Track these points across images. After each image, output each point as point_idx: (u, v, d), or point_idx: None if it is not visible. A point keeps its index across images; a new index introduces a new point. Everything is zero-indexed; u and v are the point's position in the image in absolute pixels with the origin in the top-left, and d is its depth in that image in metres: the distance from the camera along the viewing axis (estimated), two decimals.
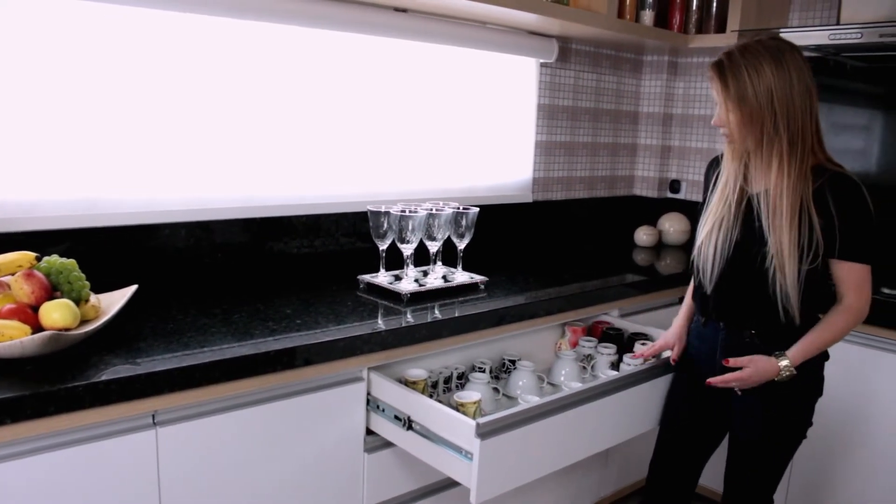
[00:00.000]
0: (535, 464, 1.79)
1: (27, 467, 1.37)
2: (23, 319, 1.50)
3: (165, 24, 2.01)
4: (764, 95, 1.70)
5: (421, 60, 2.61)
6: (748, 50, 1.73)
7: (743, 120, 1.74)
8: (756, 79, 1.70)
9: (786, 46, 1.74)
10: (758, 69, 1.71)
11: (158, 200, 2.07)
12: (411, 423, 1.78)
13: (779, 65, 1.71)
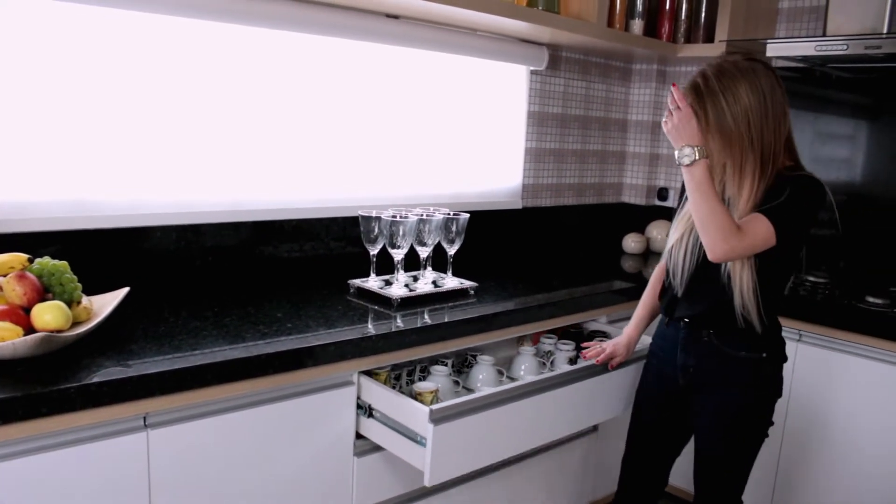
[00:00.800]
0: (487, 450, 1.88)
1: (18, 469, 1.37)
2: (15, 321, 1.50)
3: (158, 27, 2.02)
4: (742, 119, 1.75)
5: (412, 67, 2.63)
6: (724, 73, 1.77)
7: (721, 144, 1.79)
8: (734, 105, 1.75)
9: (759, 66, 1.78)
10: (735, 94, 1.75)
11: (150, 203, 2.08)
12: (372, 412, 1.86)
13: (754, 87, 1.75)
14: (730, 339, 1.90)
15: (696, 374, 1.96)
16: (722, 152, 1.80)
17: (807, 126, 3.07)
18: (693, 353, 1.95)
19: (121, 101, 1.98)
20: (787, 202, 1.76)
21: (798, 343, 2.51)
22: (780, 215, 1.76)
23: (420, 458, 1.75)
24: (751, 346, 1.89)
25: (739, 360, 1.90)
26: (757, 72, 1.77)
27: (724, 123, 1.76)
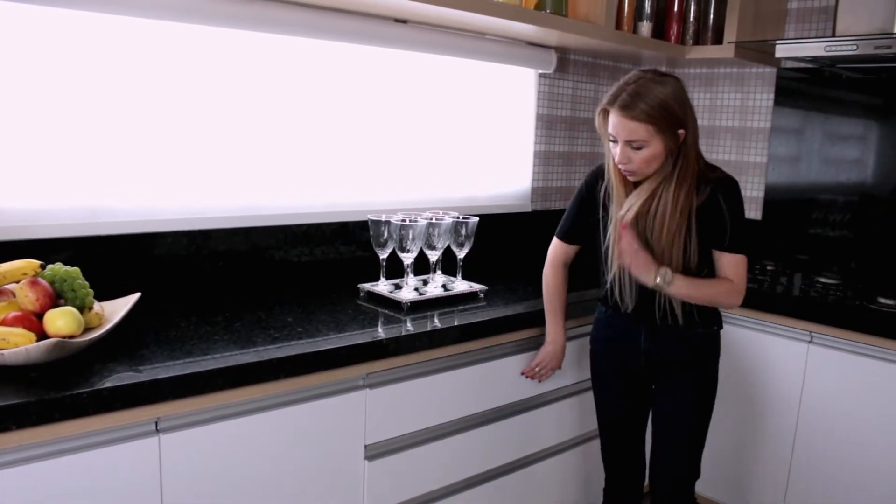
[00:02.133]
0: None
1: (32, 473, 1.38)
2: (27, 327, 1.51)
3: (167, 34, 2.03)
4: (666, 124, 1.78)
5: (421, 71, 2.63)
6: (642, 86, 1.79)
7: (651, 154, 1.81)
8: (662, 109, 1.77)
9: (670, 78, 1.82)
10: (660, 102, 1.77)
11: (160, 209, 2.09)
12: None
13: (672, 91, 1.79)
14: (689, 319, 1.98)
15: (661, 359, 2.04)
16: (650, 162, 1.83)
17: (817, 127, 3.06)
18: (657, 340, 2.02)
19: (131, 108, 2.00)
20: (733, 226, 1.87)
21: (809, 344, 2.50)
22: (739, 242, 1.89)
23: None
24: (704, 322, 2.00)
25: (699, 338, 2.01)
26: (668, 82, 1.81)
27: (652, 130, 1.78)
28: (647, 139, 1.78)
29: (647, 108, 1.75)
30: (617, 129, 1.81)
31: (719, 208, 1.87)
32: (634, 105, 1.76)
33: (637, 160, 1.81)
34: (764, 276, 2.88)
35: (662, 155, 1.81)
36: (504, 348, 2.17)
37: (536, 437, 2.34)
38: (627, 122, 1.78)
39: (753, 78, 3.23)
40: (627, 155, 1.81)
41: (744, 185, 3.28)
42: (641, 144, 1.79)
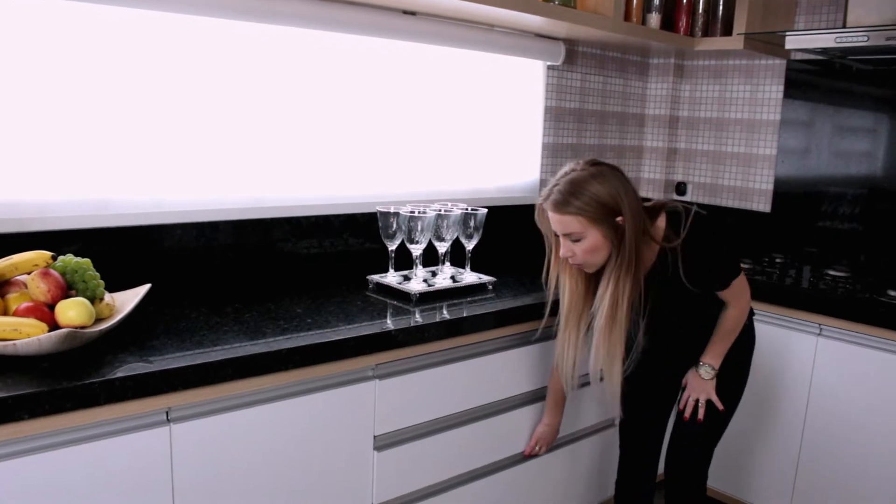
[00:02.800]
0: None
1: (44, 462, 1.39)
2: (39, 317, 1.52)
3: (177, 27, 2.03)
4: (599, 215, 1.76)
5: (429, 63, 2.63)
6: (571, 180, 1.78)
7: (591, 245, 1.80)
8: (593, 201, 1.75)
9: (602, 167, 1.81)
10: (589, 194, 1.75)
11: (170, 201, 2.10)
12: None
13: (603, 181, 1.76)
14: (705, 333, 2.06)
15: (681, 360, 2.10)
16: (594, 253, 1.82)
17: (827, 120, 3.04)
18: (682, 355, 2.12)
19: (141, 102, 2.00)
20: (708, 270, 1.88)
21: (818, 337, 2.50)
22: (724, 277, 1.92)
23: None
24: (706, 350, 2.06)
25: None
26: (602, 172, 1.79)
27: (591, 219, 1.77)
28: (581, 231, 1.78)
29: (576, 201, 1.75)
30: (554, 224, 1.83)
31: (688, 261, 1.84)
32: (565, 200, 1.77)
33: (580, 252, 1.82)
34: (773, 268, 2.88)
35: (604, 244, 1.80)
36: (513, 339, 2.17)
37: None
38: (561, 217, 1.79)
39: (763, 70, 3.22)
40: (570, 248, 1.83)
41: (753, 176, 3.28)
42: (579, 237, 1.80)
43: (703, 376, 2.03)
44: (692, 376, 2.06)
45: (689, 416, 2.06)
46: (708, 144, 3.44)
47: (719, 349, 2.02)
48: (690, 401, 2.05)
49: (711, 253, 1.88)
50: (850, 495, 2.49)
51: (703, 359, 2.03)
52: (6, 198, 1.83)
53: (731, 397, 2.10)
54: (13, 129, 1.82)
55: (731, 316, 1.99)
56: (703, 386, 2.03)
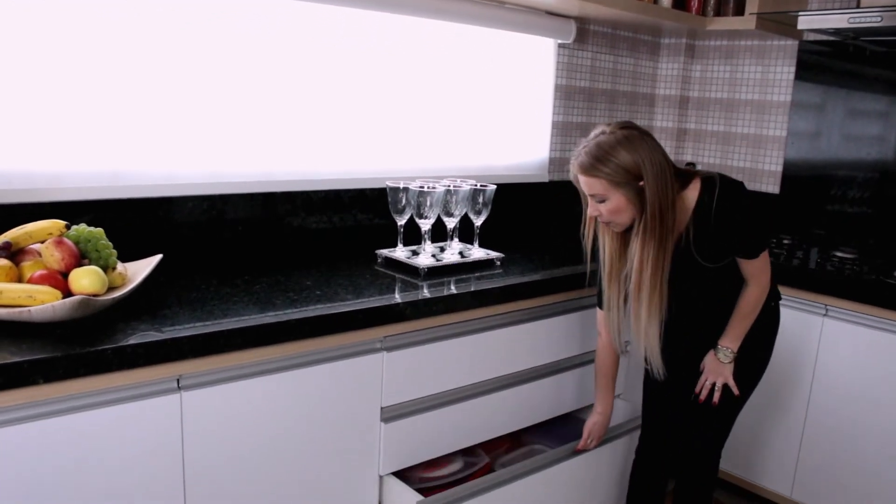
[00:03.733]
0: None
1: (59, 426, 1.42)
2: (53, 285, 1.55)
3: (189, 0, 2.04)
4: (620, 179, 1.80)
5: (440, 39, 2.63)
6: (596, 144, 1.83)
7: (614, 206, 1.84)
8: (616, 166, 1.79)
9: (628, 131, 1.84)
10: (610, 158, 1.79)
11: (181, 174, 2.11)
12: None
13: (629, 146, 1.80)
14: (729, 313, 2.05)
15: (705, 341, 2.09)
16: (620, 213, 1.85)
17: (838, 102, 3.03)
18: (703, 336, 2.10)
19: (152, 74, 2.01)
20: (738, 234, 1.89)
21: (824, 318, 2.51)
22: (752, 246, 1.92)
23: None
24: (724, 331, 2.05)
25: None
26: (631, 136, 1.82)
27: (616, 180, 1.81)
28: (604, 193, 1.83)
29: (599, 164, 1.80)
30: (581, 184, 1.89)
31: (714, 227, 1.87)
32: (590, 163, 1.82)
33: (605, 212, 1.86)
34: (780, 249, 2.88)
35: (627, 206, 1.83)
36: (519, 315, 2.19)
37: (553, 402, 2.36)
38: (586, 179, 1.85)
39: (774, 51, 3.20)
40: (596, 207, 1.88)
41: (762, 158, 3.27)
42: (602, 198, 1.84)
43: (722, 360, 2.03)
44: (710, 359, 2.06)
45: (704, 398, 2.06)
46: (718, 125, 3.43)
47: (737, 331, 2.02)
48: (707, 383, 2.06)
49: (743, 216, 1.87)
50: (854, 475, 2.50)
51: (722, 342, 2.03)
52: (21, 168, 1.85)
53: (749, 382, 2.10)
54: (28, 101, 1.83)
55: (750, 295, 1.98)
56: (721, 369, 2.04)
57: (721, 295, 2.02)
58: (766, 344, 2.11)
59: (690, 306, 2.07)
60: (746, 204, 1.88)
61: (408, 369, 1.94)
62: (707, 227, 1.88)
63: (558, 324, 2.30)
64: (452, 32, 2.66)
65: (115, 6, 1.92)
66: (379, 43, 2.46)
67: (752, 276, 1.97)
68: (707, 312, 2.07)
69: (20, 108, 1.83)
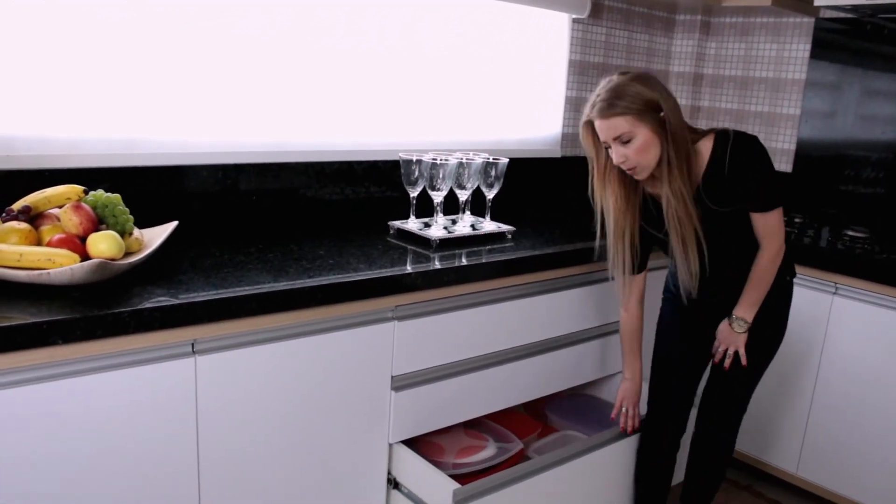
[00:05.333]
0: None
1: (77, 386, 1.45)
2: (72, 248, 1.57)
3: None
4: (643, 109, 1.82)
5: (455, 12, 2.63)
6: (611, 88, 1.84)
7: (642, 143, 1.84)
8: (637, 97, 1.81)
9: (635, 71, 1.90)
10: (629, 92, 1.82)
11: (196, 143, 2.13)
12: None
13: (641, 80, 1.84)
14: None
15: (720, 307, 2.08)
16: (644, 153, 1.85)
17: (854, 81, 3.02)
18: (727, 295, 2.06)
19: (169, 43, 2.02)
20: (753, 184, 1.88)
21: (834, 296, 2.51)
22: (765, 199, 1.91)
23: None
24: (777, 271, 2.02)
25: (771, 286, 2.02)
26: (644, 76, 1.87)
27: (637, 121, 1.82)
28: (630, 129, 1.82)
29: (620, 101, 1.81)
30: (603, 132, 1.87)
31: (728, 172, 1.88)
32: (610, 104, 1.82)
33: (632, 154, 1.85)
34: (791, 227, 2.88)
35: (654, 141, 1.84)
36: (529, 287, 2.20)
37: (563, 375, 2.38)
38: (608, 122, 1.83)
39: (790, 28, 3.19)
40: (622, 153, 1.86)
41: (775, 136, 3.26)
42: (629, 137, 1.83)
43: (736, 329, 2.04)
44: (724, 327, 2.07)
45: (717, 361, 2.09)
46: (732, 103, 3.42)
47: (751, 299, 2.01)
48: (721, 349, 2.08)
49: (756, 166, 1.88)
50: (860, 453, 2.52)
51: (736, 311, 2.03)
52: (39, 134, 1.87)
53: (763, 356, 2.11)
54: (46, 68, 1.85)
55: (762, 258, 1.97)
56: (734, 338, 2.05)
57: (737, 255, 2.01)
58: (780, 318, 2.12)
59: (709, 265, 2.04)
60: (760, 156, 1.88)
61: (418, 339, 1.96)
62: (721, 178, 1.89)
63: (569, 297, 2.32)
64: (467, 5, 2.66)
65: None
66: (393, 15, 2.46)
67: (764, 236, 1.96)
68: (723, 275, 2.05)
69: (38, 75, 1.85)
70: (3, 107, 1.82)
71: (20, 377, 1.39)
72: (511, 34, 2.83)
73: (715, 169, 1.90)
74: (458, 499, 1.82)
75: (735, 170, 1.87)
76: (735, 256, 2.01)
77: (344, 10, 2.34)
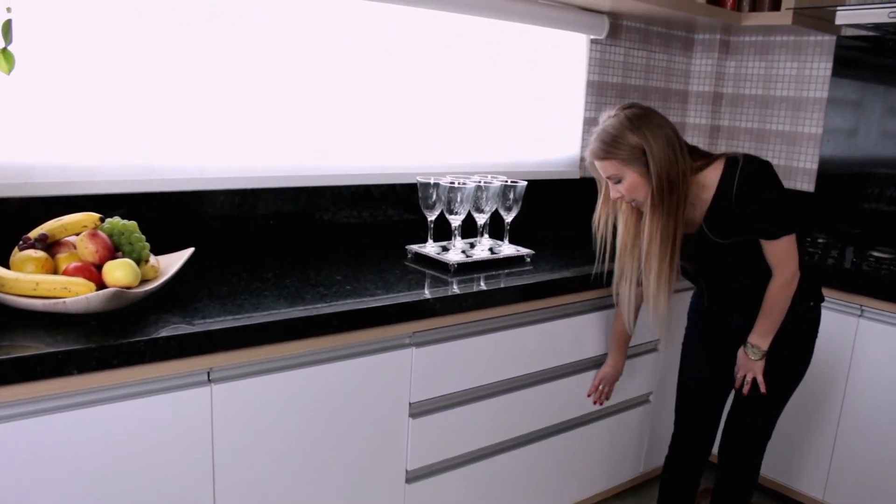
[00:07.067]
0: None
1: (92, 416, 1.44)
2: (87, 277, 1.57)
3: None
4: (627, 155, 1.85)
5: (472, 35, 2.62)
6: (602, 130, 1.90)
7: (630, 184, 1.88)
8: (623, 144, 1.85)
9: (629, 110, 1.89)
10: (613, 138, 1.86)
11: (213, 168, 2.13)
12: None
13: (631, 125, 1.85)
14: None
15: (749, 330, 2.04)
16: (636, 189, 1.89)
17: (877, 99, 2.97)
18: (747, 315, 2.03)
19: (186, 70, 2.03)
20: (759, 212, 1.86)
21: (860, 319, 2.46)
22: (774, 227, 1.87)
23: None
24: (797, 297, 1.98)
25: (789, 313, 1.98)
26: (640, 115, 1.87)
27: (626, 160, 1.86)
28: (618, 172, 1.88)
29: (608, 147, 1.87)
30: (598, 170, 1.94)
31: (736, 206, 1.87)
32: (598, 149, 1.89)
33: (624, 191, 1.90)
34: (815, 248, 2.84)
35: (641, 182, 1.87)
36: (550, 312, 2.18)
37: (583, 400, 2.35)
38: (599, 164, 1.92)
39: (811, 46, 3.15)
40: (616, 189, 1.92)
41: (797, 155, 3.22)
42: (617, 178, 1.90)
43: (751, 356, 2.01)
44: (741, 353, 2.05)
45: (738, 386, 2.07)
46: (752, 122, 3.38)
47: (764, 326, 1.98)
48: (739, 375, 2.06)
49: (763, 192, 1.85)
50: (888, 479, 2.46)
51: (750, 338, 2.00)
52: (57, 162, 1.87)
53: (785, 384, 2.08)
54: (64, 96, 1.86)
55: (773, 287, 1.94)
56: (750, 365, 2.02)
57: (750, 283, 1.98)
58: (803, 346, 2.07)
59: (720, 294, 2.08)
60: (769, 182, 1.86)
61: (436, 365, 1.94)
62: (728, 205, 1.87)
63: (589, 321, 2.29)
64: (485, 28, 2.65)
65: (151, 3, 1.93)
66: (412, 38, 2.46)
67: (775, 263, 1.92)
68: (739, 300, 2.04)
69: (56, 103, 1.85)
70: (22, 135, 1.82)
71: (35, 407, 1.38)
72: (529, 56, 2.82)
73: (723, 196, 1.88)
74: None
75: (742, 197, 1.85)
76: (747, 285, 1.99)
77: (360, 33, 2.34)
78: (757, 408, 2.08)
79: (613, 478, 2.59)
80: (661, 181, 1.83)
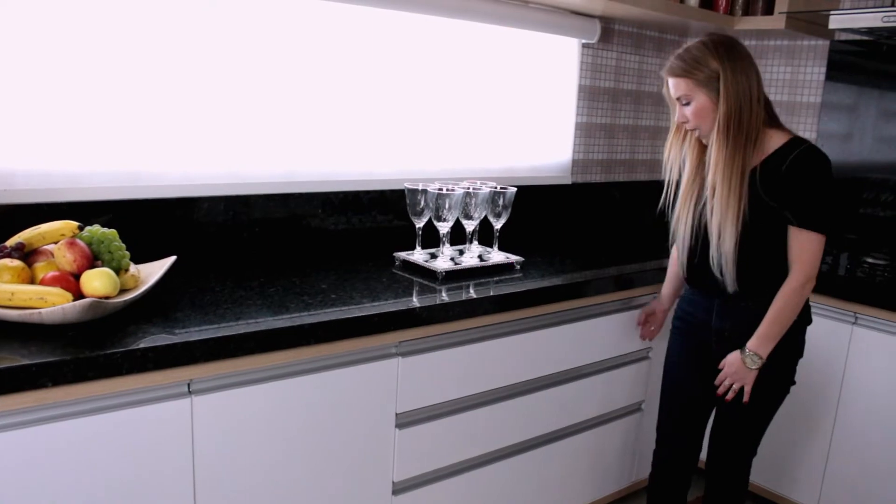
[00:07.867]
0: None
1: (67, 429, 1.40)
2: (65, 287, 1.53)
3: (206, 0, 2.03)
4: (702, 76, 1.86)
5: (462, 39, 2.60)
6: (685, 49, 1.91)
7: (698, 107, 1.89)
8: (699, 65, 1.86)
9: (715, 35, 1.91)
10: (693, 56, 1.88)
11: (199, 174, 2.10)
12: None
13: (714, 50, 1.86)
14: (765, 304, 1.94)
15: (731, 338, 2.01)
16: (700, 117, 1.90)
17: (871, 103, 2.95)
18: (729, 319, 2.02)
19: (171, 75, 2.00)
20: (803, 197, 1.84)
21: (853, 326, 2.44)
22: (811, 217, 1.85)
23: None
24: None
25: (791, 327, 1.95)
26: (725, 42, 1.88)
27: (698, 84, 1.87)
28: (688, 93, 1.89)
29: (683, 63, 1.88)
30: (669, 89, 1.95)
31: (784, 175, 1.84)
32: (676, 66, 1.90)
33: (690, 116, 1.91)
34: None
35: (710, 108, 1.87)
36: (540, 320, 2.15)
37: (574, 410, 2.32)
38: (673, 80, 1.92)
39: (805, 51, 3.13)
40: (682, 112, 1.93)
41: None
42: (687, 99, 1.90)
43: (748, 365, 1.94)
44: (734, 359, 1.97)
45: (721, 392, 2.01)
46: None
47: (769, 331, 1.92)
48: (726, 382, 2.00)
49: (815, 178, 1.84)
50: (882, 488, 2.44)
51: (750, 344, 1.94)
52: (39, 168, 1.84)
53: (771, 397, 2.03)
54: (47, 101, 1.83)
55: (787, 288, 1.89)
56: (743, 375, 1.96)
57: (749, 271, 1.93)
58: (790, 366, 2.03)
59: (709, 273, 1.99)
60: (824, 173, 1.84)
61: (423, 375, 1.91)
62: (777, 174, 1.85)
63: (579, 329, 2.26)
64: (475, 32, 2.62)
65: (132, 8, 1.91)
66: (401, 43, 2.43)
67: (795, 260, 1.88)
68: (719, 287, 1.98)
69: (39, 108, 1.82)
70: (2, 140, 1.79)
71: (8, 421, 1.34)
72: (520, 60, 2.80)
73: (774, 163, 1.86)
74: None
75: (794, 171, 1.83)
76: (745, 272, 1.93)
77: (350, 39, 2.31)
78: (744, 422, 2.05)
79: (603, 488, 2.56)
80: (729, 112, 1.84)
